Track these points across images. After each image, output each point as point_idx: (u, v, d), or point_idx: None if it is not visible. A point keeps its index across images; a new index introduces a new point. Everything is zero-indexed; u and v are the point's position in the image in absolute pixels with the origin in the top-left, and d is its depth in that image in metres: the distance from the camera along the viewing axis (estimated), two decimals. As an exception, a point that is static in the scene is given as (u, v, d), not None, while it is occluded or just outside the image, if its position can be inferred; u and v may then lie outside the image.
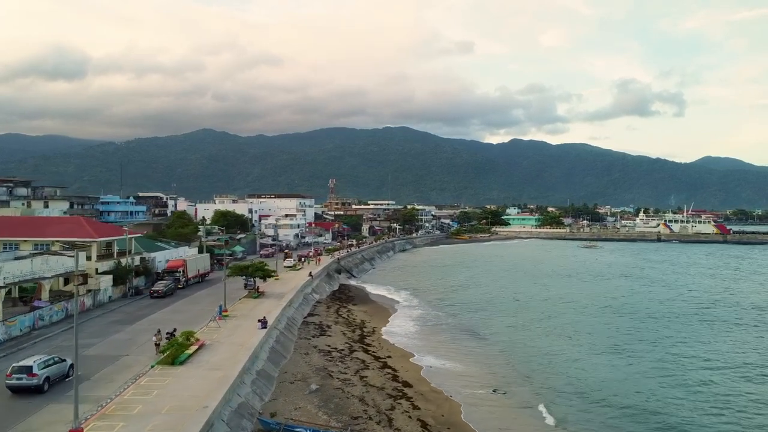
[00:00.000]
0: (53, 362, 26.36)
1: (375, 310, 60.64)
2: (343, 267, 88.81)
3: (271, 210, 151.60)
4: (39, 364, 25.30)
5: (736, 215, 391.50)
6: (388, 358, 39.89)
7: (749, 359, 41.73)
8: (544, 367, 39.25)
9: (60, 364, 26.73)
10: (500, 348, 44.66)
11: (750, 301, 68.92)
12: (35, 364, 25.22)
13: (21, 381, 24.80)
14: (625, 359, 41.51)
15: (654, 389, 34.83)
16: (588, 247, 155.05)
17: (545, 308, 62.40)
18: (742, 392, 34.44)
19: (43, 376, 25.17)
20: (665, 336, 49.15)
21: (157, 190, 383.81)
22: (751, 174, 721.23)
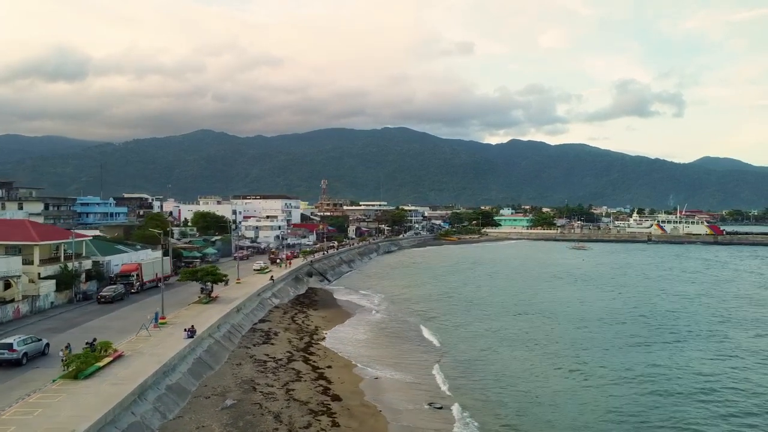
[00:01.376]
0: (31, 341, 32.11)
1: (335, 315, 58.82)
2: (316, 270, 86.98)
3: (257, 211, 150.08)
4: (18, 342, 30.95)
5: (732, 215, 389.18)
6: (327, 368, 38.03)
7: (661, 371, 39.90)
8: (494, 381, 37.10)
9: (37, 343, 32.43)
10: (456, 358, 42.51)
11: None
12: (15, 341, 30.84)
13: (3, 355, 30.25)
14: (578, 372, 39.48)
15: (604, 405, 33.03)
16: (576, 248, 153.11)
17: (512, 315, 60.47)
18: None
19: (22, 351, 30.76)
20: (622, 345, 47.29)
21: (155, 190, 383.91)
22: (750, 174, 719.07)
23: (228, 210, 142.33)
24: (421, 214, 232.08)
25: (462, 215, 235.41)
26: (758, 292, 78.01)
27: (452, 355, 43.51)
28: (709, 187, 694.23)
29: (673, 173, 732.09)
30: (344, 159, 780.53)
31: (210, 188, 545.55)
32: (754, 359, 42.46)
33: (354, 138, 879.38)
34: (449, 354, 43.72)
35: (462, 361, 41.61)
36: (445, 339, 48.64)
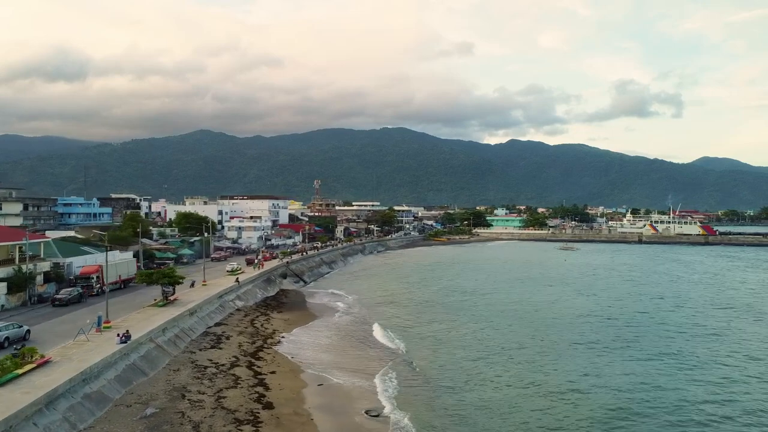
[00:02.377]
0: (12, 327, 35.90)
1: (300, 317, 57.90)
2: (292, 271, 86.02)
3: (243, 212, 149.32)
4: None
5: (727, 216, 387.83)
6: (270, 374, 37.04)
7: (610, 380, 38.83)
8: (446, 388, 35.91)
9: (18, 329, 36.04)
10: (413, 364, 41.14)
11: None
12: (-4, 327, 33.61)
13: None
14: (529, 380, 38.39)
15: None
16: (564, 249, 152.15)
17: (478, 319, 59.39)
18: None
19: (2, 336, 34.55)
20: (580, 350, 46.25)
21: (152, 191, 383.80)
22: (748, 174, 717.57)
23: (214, 210, 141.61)
24: (413, 215, 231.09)
25: (454, 216, 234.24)
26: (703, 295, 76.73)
27: (410, 360, 42.30)
28: (707, 187, 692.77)
29: (671, 173, 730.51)
30: (343, 159, 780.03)
31: (208, 188, 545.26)
32: (690, 363, 41.43)
33: (353, 138, 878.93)
34: (407, 359, 42.55)
35: (418, 368, 40.39)
36: (406, 343, 47.49)
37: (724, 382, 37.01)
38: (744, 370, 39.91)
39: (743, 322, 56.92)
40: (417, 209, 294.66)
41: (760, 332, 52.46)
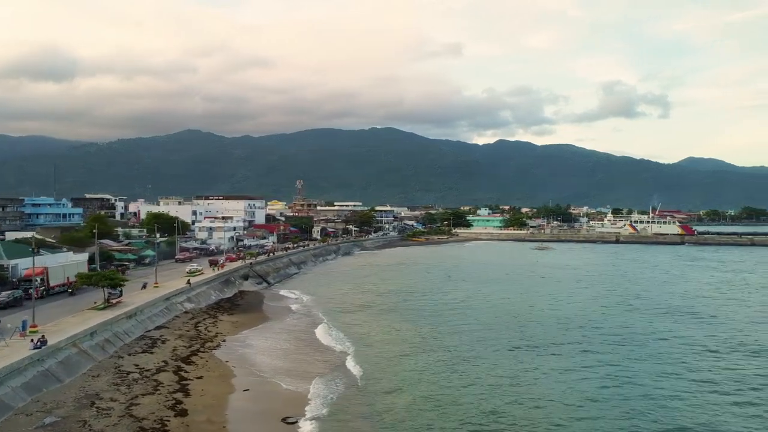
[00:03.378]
0: None
1: (251, 319, 57.04)
2: (255, 272, 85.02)
3: (219, 212, 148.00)
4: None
5: (709, 215, 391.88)
6: (197, 379, 36.18)
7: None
8: (382, 393, 35.13)
9: None
10: (355, 368, 40.04)
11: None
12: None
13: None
14: (467, 381, 37.79)
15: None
16: (540, 249, 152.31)
17: (435, 318, 58.80)
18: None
19: None
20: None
21: (138, 191, 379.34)
22: (733, 175, 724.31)
23: (188, 211, 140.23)
24: (393, 215, 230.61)
25: (435, 216, 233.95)
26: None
27: (354, 363, 41.11)
28: (693, 187, 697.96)
29: (657, 173, 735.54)
30: (332, 159, 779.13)
31: (195, 189, 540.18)
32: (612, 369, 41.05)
33: (342, 138, 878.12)
34: (351, 362, 41.40)
35: (361, 371, 39.28)
36: (355, 346, 46.60)
37: (641, 377, 36.65)
38: (653, 364, 39.58)
39: (665, 321, 57.00)
40: (400, 209, 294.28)
41: (675, 329, 52.79)
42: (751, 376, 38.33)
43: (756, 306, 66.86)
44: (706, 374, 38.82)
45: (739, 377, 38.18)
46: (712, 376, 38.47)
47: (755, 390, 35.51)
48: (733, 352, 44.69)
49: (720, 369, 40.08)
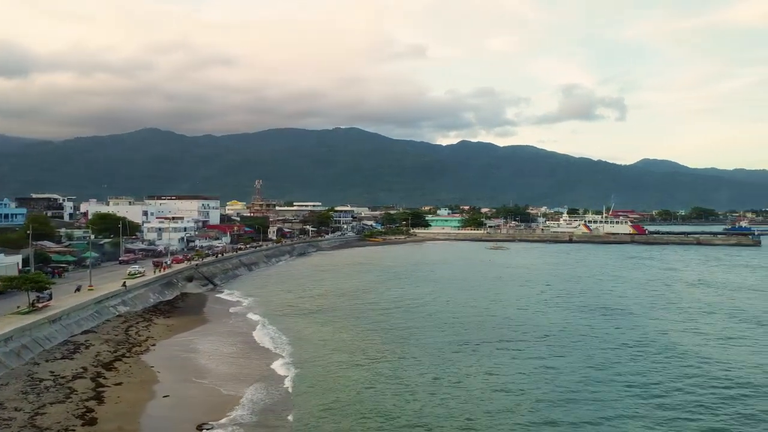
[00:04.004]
0: None
1: (188, 322, 55.92)
2: (201, 274, 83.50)
3: (172, 212, 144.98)
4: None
5: (661, 215, 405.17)
6: (116, 386, 35.12)
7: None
8: (313, 394, 34.91)
9: None
10: (293, 369, 39.71)
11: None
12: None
13: None
14: (400, 387, 37.87)
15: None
16: (495, 248, 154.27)
17: (374, 318, 58.83)
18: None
19: None
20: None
21: (95, 191, 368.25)
22: (686, 176, 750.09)
23: (138, 211, 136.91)
24: (352, 215, 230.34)
25: (395, 216, 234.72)
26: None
27: (289, 366, 40.47)
28: (648, 188, 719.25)
29: (615, 175, 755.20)
30: (295, 159, 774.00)
31: (155, 188, 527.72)
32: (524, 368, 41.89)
33: (305, 138, 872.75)
34: (286, 365, 40.71)
35: (293, 374, 38.72)
36: (293, 348, 46.04)
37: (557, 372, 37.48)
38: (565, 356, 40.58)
39: (588, 318, 58.77)
40: (361, 209, 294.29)
41: (596, 325, 54.58)
42: (650, 365, 39.72)
43: (675, 302, 69.18)
44: (619, 368, 39.97)
45: (643, 369, 39.63)
46: (624, 369, 39.69)
47: (652, 381, 36.77)
48: (641, 346, 46.12)
49: (631, 361, 41.42)
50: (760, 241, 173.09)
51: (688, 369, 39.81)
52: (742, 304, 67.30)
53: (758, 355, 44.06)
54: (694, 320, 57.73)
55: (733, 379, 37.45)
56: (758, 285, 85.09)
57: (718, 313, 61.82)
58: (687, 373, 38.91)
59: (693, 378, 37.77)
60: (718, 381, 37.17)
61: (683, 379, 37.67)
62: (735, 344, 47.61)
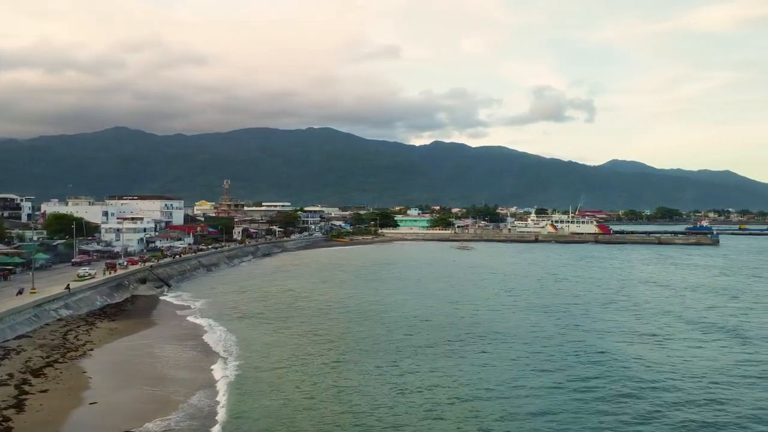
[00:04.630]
0: None
1: (134, 326, 54.56)
2: (156, 275, 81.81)
3: (134, 213, 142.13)
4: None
5: (627, 215, 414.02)
6: (41, 393, 33.77)
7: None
8: (252, 399, 34.27)
9: None
10: (235, 373, 38.80)
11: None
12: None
13: None
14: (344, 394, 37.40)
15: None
16: (461, 248, 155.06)
17: (326, 321, 58.29)
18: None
19: None
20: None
21: (61, 191, 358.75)
22: (653, 176, 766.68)
23: (98, 212, 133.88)
24: (320, 215, 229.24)
25: (364, 216, 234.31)
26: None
27: (230, 371, 39.49)
28: (616, 188, 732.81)
29: (584, 175, 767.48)
30: (268, 159, 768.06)
31: (124, 188, 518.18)
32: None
33: (278, 138, 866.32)
34: (225, 371, 39.61)
35: (233, 379, 37.78)
36: (239, 351, 45.07)
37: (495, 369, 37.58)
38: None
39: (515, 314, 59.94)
40: (331, 210, 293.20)
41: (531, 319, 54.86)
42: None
43: (617, 300, 70.24)
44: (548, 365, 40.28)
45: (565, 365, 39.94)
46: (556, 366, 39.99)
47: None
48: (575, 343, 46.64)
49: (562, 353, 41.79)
50: (718, 241, 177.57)
51: (615, 366, 40.34)
52: (683, 303, 68.09)
53: (673, 352, 44.62)
54: (631, 319, 58.36)
55: (643, 377, 37.93)
56: (703, 284, 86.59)
57: (656, 312, 62.33)
58: (612, 370, 39.41)
59: (614, 375, 38.31)
60: (638, 378, 37.72)
61: (607, 375, 38.18)
62: (664, 344, 47.77)
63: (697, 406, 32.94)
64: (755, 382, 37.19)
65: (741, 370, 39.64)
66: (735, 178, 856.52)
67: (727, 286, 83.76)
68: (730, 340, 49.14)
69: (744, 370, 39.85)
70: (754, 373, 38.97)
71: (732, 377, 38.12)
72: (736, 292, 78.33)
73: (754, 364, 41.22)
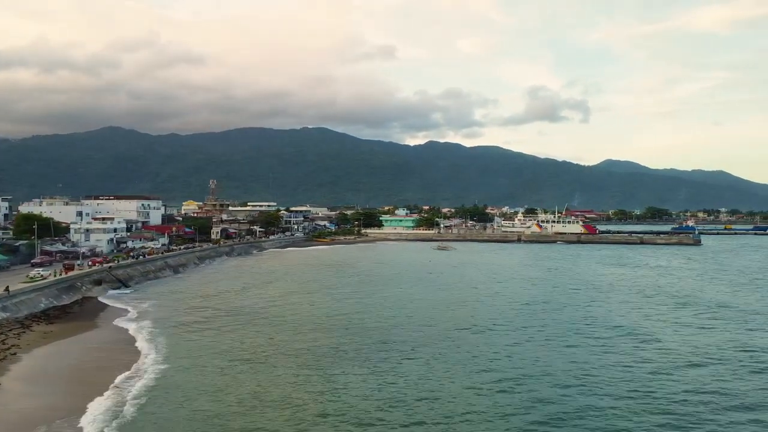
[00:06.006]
0: None
1: (73, 329, 53.43)
2: (115, 276, 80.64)
3: (110, 213, 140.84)
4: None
5: (617, 215, 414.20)
6: (-64, 399, 32.87)
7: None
8: (168, 408, 33.20)
9: None
10: (160, 379, 37.89)
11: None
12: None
13: None
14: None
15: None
16: (441, 248, 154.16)
17: (268, 324, 57.23)
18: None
19: None
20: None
21: (52, 190, 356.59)
22: (646, 177, 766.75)
23: (72, 212, 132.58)
24: (304, 215, 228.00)
25: (348, 216, 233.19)
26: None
27: (152, 377, 38.44)
28: (611, 188, 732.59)
29: (579, 175, 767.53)
30: (262, 159, 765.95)
31: (117, 188, 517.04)
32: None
33: (273, 138, 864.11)
34: (146, 376, 38.58)
35: (157, 385, 36.81)
36: (169, 354, 44.14)
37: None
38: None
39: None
40: (319, 210, 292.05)
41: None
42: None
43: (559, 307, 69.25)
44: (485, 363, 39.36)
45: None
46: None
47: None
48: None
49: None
50: (700, 240, 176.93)
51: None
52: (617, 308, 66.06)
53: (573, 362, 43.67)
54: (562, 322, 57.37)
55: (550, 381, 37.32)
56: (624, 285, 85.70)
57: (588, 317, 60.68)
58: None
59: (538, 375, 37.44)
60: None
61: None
62: (581, 351, 46.51)
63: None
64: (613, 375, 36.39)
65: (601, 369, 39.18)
66: (728, 178, 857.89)
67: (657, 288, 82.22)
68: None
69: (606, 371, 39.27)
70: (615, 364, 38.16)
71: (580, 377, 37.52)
72: (657, 293, 77.09)
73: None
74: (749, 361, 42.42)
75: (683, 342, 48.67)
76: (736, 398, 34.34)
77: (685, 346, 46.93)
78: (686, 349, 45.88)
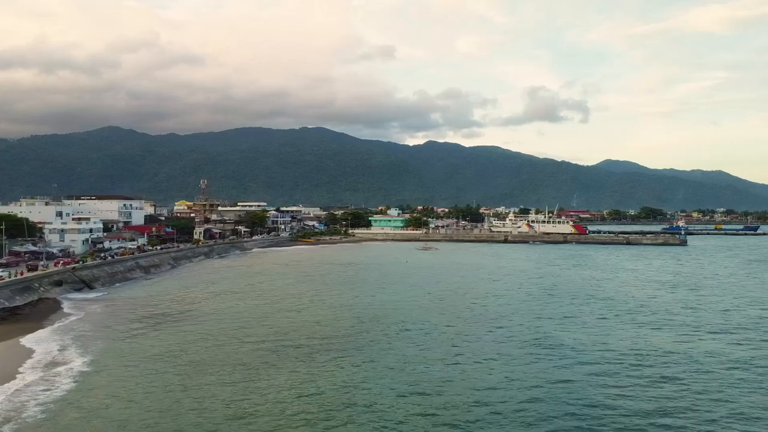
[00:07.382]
0: None
1: (15, 332, 52.61)
2: (78, 277, 79.86)
3: (91, 213, 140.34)
4: None
5: (611, 215, 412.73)
6: None
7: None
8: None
9: None
10: (68, 385, 37.08)
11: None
12: None
13: None
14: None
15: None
16: (424, 249, 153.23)
17: (215, 325, 56.38)
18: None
19: None
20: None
21: (49, 190, 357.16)
22: (645, 177, 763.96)
23: (52, 212, 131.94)
24: (291, 215, 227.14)
25: (337, 216, 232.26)
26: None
27: (70, 381, 37.79)
28: (609, 188, 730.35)
29: (577, 175, 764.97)
30: (260, 159, 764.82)
31: (115, 188, 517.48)
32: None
33: (271, 138, 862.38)
34: (62, 381, 37.97)
35: (69, 389, 36.10)
36: (96, 359, 43.34)
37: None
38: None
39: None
40: (311, 209, 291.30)
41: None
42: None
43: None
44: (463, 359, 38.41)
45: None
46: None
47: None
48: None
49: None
50: (686, 241, 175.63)
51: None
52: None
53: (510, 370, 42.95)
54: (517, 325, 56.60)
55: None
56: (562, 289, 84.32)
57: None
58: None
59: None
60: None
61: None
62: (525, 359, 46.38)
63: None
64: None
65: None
66: (727, 178, 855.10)
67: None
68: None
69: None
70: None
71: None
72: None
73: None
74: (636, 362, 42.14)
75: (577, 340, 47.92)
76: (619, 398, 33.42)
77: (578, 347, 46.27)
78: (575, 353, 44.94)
